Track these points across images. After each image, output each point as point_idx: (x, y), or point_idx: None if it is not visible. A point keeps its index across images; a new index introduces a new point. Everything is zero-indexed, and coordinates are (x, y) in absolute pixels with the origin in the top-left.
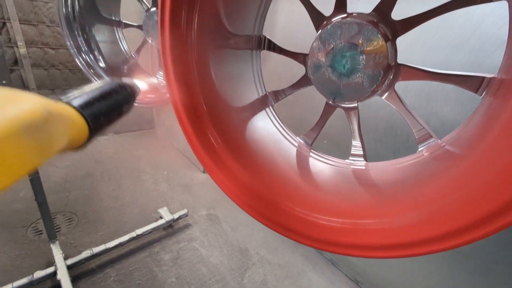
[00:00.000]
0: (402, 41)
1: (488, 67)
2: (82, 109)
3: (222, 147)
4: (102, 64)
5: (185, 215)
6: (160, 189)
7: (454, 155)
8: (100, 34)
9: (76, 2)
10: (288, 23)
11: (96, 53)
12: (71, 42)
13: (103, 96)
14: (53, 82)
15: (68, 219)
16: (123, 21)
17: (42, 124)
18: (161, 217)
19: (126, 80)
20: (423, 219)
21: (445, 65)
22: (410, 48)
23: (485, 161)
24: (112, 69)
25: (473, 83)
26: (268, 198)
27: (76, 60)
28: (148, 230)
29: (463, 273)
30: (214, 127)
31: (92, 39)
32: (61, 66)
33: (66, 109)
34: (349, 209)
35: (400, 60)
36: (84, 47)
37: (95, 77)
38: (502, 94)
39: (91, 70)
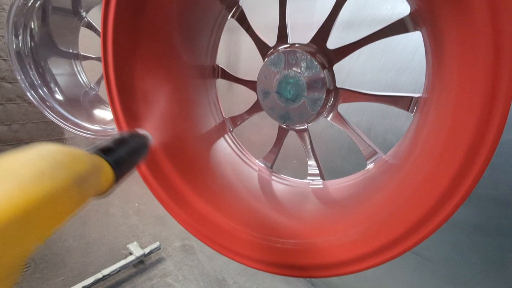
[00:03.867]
0: (355, 64)
1: None
2: (115, 163)
3: (179, 180)
4: (59, 97)
5: (158, 248)
6: (130, 223)
7: (394, 168)
8: (57, 67)
9: (29, 38)
10: (252, 51)
11: (52, 85)
12: (22, 77)
13: (132, 152)
14: (10, 117)
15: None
16: (82, 53)
17: (87, 176)
18: (130, 253)
19: (144, 132)
20: (363, 234)
21: (394, 84)
22: (363, 70)
23: (411, 174)
24: (71, 102)
25: (404, 103)
26: (226, 226)
27: (28, 94)
28: (116, 269)
29: (434, 280)
30: (169, 160)
31: (47, 73)
32: (19, 100)
33: (101, 161)
34: (304, 229)
35: (354, 80)
36: (37, 81)
37: (48, 110)
38: (425, 111)
39: (46, 103)
